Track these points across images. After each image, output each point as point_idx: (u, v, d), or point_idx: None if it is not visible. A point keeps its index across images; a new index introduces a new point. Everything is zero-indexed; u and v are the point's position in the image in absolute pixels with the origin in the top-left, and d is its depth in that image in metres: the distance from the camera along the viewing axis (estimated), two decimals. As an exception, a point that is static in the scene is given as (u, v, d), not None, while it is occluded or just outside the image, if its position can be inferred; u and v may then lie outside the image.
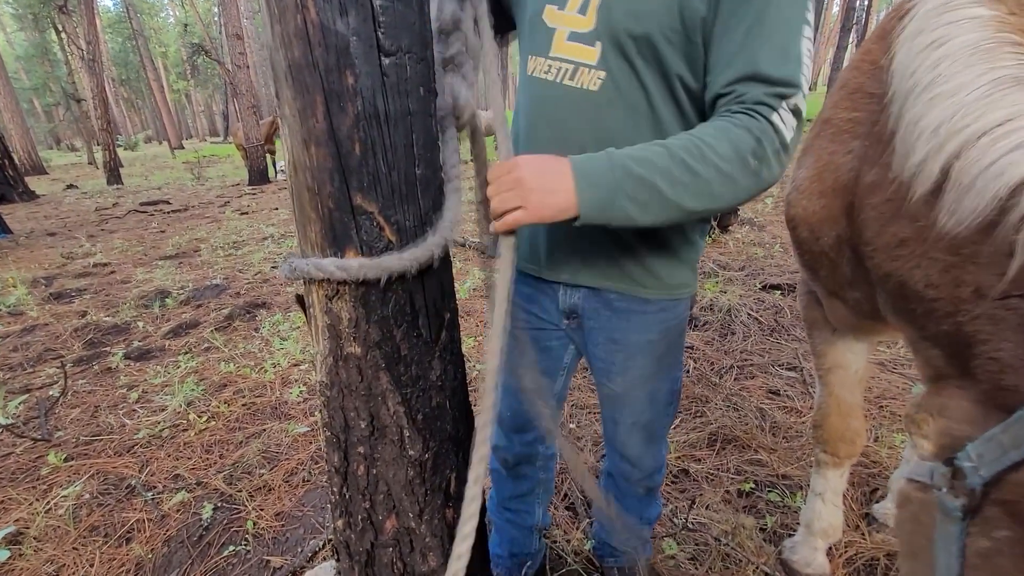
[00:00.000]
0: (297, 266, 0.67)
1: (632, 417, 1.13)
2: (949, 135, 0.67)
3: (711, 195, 0.73)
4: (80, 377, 2.96)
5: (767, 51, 0.73)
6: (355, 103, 0.62)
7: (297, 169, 0.66)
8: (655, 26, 0.79)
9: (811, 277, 1.28)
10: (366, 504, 0.73)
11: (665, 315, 1.01)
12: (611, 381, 1.08)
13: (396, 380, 0.70)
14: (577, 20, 0.85)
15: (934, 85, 0.72)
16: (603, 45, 0.83)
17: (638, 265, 0.96)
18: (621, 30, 0.81)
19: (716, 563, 1.60)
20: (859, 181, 0.95)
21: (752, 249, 4.43)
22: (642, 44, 0.81)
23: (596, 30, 0.83)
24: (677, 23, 0.78)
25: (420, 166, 0.68)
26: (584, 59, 0.85)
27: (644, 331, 1.01)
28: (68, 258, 5.61)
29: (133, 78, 39.61)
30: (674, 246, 0.97)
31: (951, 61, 0.71)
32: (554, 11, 0.87)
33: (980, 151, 0.63)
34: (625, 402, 1.11)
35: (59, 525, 1.89)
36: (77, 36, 13.55)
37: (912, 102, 0.74)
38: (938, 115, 0.69)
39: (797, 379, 2.54)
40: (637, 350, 1.03)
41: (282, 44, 0.62)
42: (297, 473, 2.12)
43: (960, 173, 0.65)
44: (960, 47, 0.71)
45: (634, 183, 0.71)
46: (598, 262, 0.97)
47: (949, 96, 0.69)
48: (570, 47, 0.86)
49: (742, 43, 0.74)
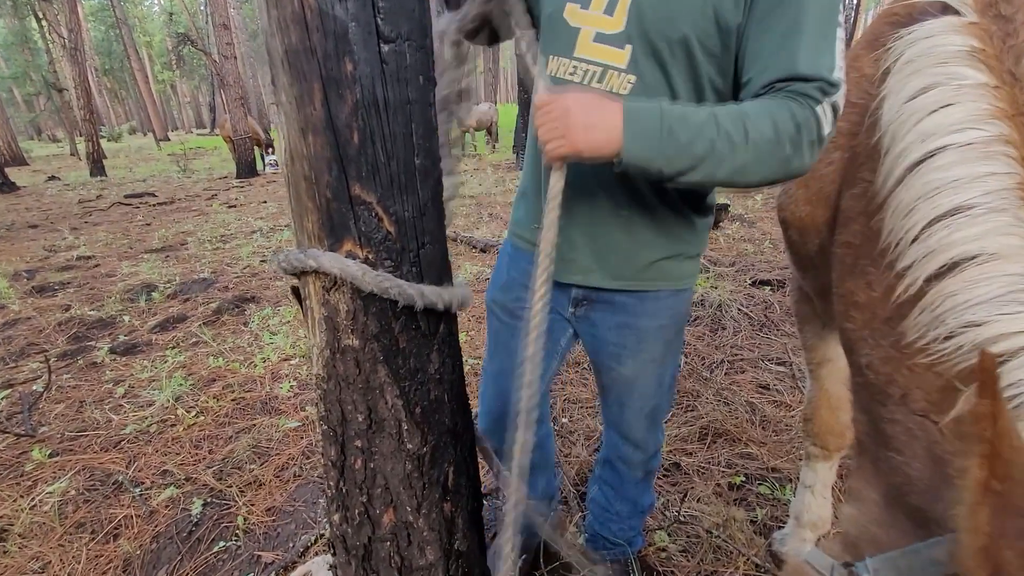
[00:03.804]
0: (290, 257, 0.66)
1: (641, 401, 1.15)
2: (940, 248, 0.67)
3: (743, 171, 0.74)
4: (64, 372, 2.90)
5: (805, 53, 0.73)
6: (354, 91, 0.61)
7: (294, 158, 0.65)
8: (691, 29, 0.78)
9: (801, 275, 1.30)
10: (363, 498, 0.72)
11: (674, 301, 1.05)
12: (622, 364, 1.10)
13: (394, 373, 0.69)
14: (604, 20, 0.82)
15: (926, 171, 0.72)
16: (634, 48, 0.81)
17: (650, 265, 0.98)
18: (656, 32, 0.79)
19: (707, 555, 1.61)
20: (840, 196, 0.96)
21: (742, 245, 4.46)
22: (677, 48, 0.79)
23: (626, 32, 0.81)
24: (712, 27, 0.77)
25: (419, 156, 0.68)
26: (613, 62, 0.83)
27: (655, 317, 1.04)
28: (51, 251, 5.50)
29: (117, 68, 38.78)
30: (685, 239, 0.99)
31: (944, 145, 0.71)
32: (576, 10, 0.84)
33: (964, 286, 0.63)
34: (635, 386, 1.13)
35: (44, 522, 1.85)
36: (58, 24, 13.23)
37: (907, 183, 0.74)
38: (928, 212, 0.69)
39: (787, 374, 2.57)
40: (649, 334, 1.06)
41: (279, 29, 0.61)
42: (288, 468, 2.10)
43: (937, 298, 0.65)
44: (953, 125, 0.71)
45: (676, 148, 0.71)
46: (609, 264, 0.99)
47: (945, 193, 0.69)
48: (597, 48, 0.84)
49: (780, 44, 0.74)
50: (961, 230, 0.66)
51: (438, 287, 0.71)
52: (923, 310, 0.67)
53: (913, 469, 0.64)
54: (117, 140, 27.70)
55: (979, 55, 0.77)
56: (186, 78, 42.96)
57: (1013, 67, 0.76)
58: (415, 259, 0.69)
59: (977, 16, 0.79)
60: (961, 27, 0.79)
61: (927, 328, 0.66)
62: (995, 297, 0.61)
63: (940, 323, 0.64)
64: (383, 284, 0.65)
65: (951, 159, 0.71)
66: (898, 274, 0.72)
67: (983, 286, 0.62)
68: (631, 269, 0.99)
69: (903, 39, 0.85)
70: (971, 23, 0.79)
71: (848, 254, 0.88)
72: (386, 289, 0.65)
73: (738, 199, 6.00)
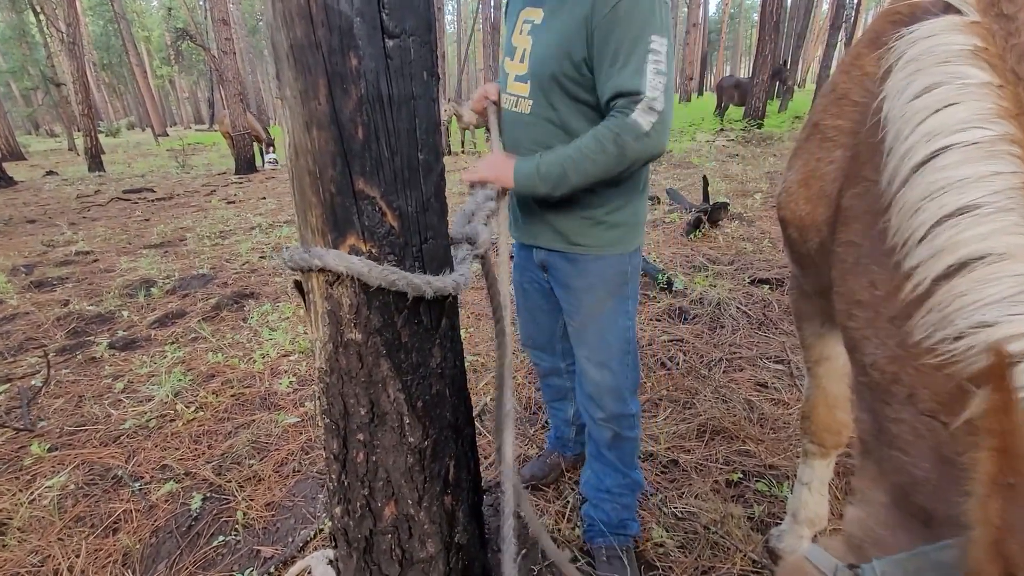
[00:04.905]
0: (295, 256, 0.66)
1: (587, 351, 1.44)
2: (947, 248, 0.66)
3: (586, 173, 1.16)
4: (63, 367, 2.90)
5: (624, 76, 1.11)
6: (359, 85, 0.61)
7: (298, 153, 0.65)
8: (556, 67, 1.19)
9: (800, 274, 1.30)
10: (365, 491, 0.72)
11: (599, 264, 1.36)
12: (572, 319, 1.44)
13: (397, 367, 0.70)
14: (518, 67, 1.29)
15: (931, 171, 0.71)
16: (531, 83, 1.26)
17: (573, 232, 1.35)
18: (538, 72, 1.23)
19: (704, 551, 1.62)
20: (841, 195, 0.96)
21: (741, 244, 4.47)
22: (549, 80, 1.22)
23: (527, 73, 1.27)
24: (568, 64, 1.17)
25: (423, 151, 0.68)
26: (522, 93, 1.29)
27: (584, 277, 1.37)
28: (49, 246, 5.48)
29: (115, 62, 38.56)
30: (597, 217, 1.33)
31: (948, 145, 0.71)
32: (508, 60, 1.33)
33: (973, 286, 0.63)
34: (583, 337, 1.43)
35: (44, 516, 1.86)
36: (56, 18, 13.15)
37: (913, 183, 0.74)
38: (935, 211, 0.69)
39: (785, 372, 2.58)
40: (582, 292, 1.39)
41: (284, 23, 0.61)
42: (287, 463, 2.10)
43: (947, 297, 0.65)
44: (958, 124, 0.71)
45: (543, 179, 1.19)
46: (547, 230, 1.37)
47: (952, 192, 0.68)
48: (515, 85, 1.31)
49: (608, 72, 1.13)
50: (968, 230, 0.66)
51: (444, 277, 0.71)
52: (931, 310, 0.66)
53: (920, 469, 0.63)
54: (115, 135, 27.59)
55: (982, 54, 0.77)
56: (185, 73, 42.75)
57: (1016, 66, 0.76)
58: (418, 253, 0.70)
59: (979, 15, 0.79)
60: (963, 26, 0.79)
61: (935, 328, 0.65)
62: (1006, 297, 0.60)
63: (949, 323, 0.63)
64: (390, 278, 0.65)
65: (956, 159, 0.71)
66: (905, 274, 0.72)
67: (993, 286, 0.62)
68: (562, 237, 1.35)
69: (905, 38, 0.85)
70: (973, 22, 0.80)
71: (850, 253, 0.88)
72: (393, 282, 0.66)
73: (736, 198, 6.01)
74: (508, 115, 1.37)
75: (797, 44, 22.53)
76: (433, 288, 0.67)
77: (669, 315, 3.23)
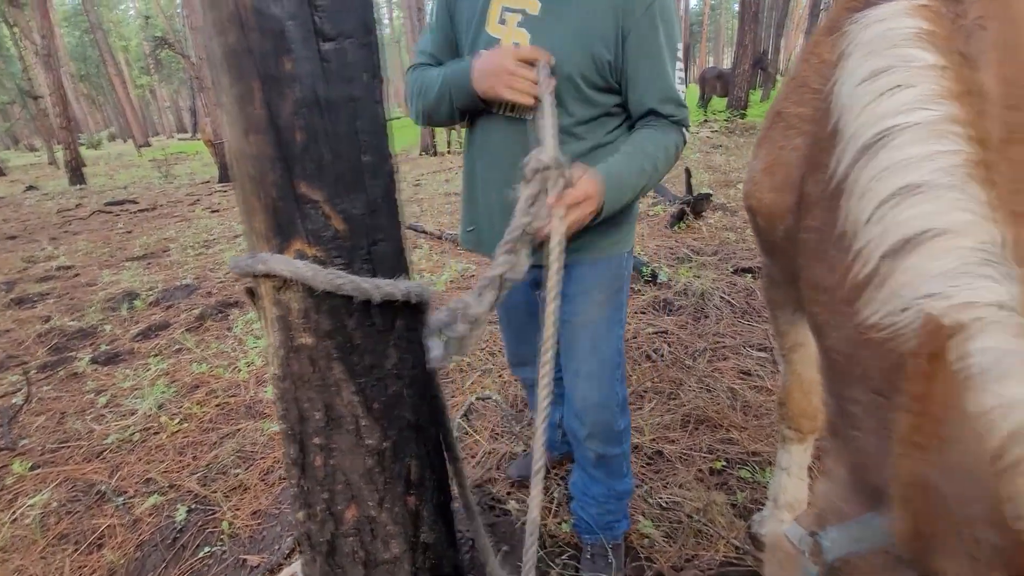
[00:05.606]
0: (240, 262, 0.66)
1: (577, 363, 1.33)
2: (892, 227, 0.68)
3: (654, 183, 1.18)
4: (45, 383, 2.87)
5: (667, 82, 1.11)
6: (294, 89, 0.61)
7: (239, 158, 0.65)
8: (575, 68, 1.08)
9: (770, 262, 1.32)
10: (325, 495, 0.72)
11: (596, 268, 1.28)
12: (563, 329, 1.31)
13: (350, 369, 0.70)
14: None
15: (881, 150, 0.73)
16: None
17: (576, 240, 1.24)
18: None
19: (689, 540, 1.64)
20: (804, 182, 0.97)
21: (724, 234, 4.50)
22: (563, 82, 1.08)
23: None
24: (590, 65, 1.07)
25: (367, 153, 0.68)
26: None
27: (580, 283, 1.28)
28: (29, 262, 5.41)
29: (93, 73, 38.04)
30: (616, 220, 1.25)
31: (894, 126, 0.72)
32: None
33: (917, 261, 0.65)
34: (574, 349, 1.32)
35: (26, 535, 1.84)
36: (30, 30, 12.93)
37: (860, 165, 0.76)
38: (881, 192, 0.71)
39: (768, 359, 2.60)
40: (578, 296, 1.29)
41: (217, 31, 0.61)
42: (273, 471, 2.10)
43: (891, 274, 0.67)
44: (903, 106, 0.73)
45: (628, 193, 1.13)
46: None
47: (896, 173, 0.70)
48: None
49: (649, 77, 1.10)
50: (913, 208, 0.67)
51: (394, 281, 0.71)
52: (878, 287, 0.68)
53: (869, 445, 0.65)
54: (96, 147, 27.23)
55: (928, 36, 0.78)
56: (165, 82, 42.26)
57: (963, 47, 0.77)
58: (367, 256, 0.70)
59: None
60: (912, 9, 0.81)
61: (881, 304, 0.66)
62: (948, 270, 0.62)
63: (895, 298, 0.65)
64: (336, 282, 0.65)
65: (902, 140, 0.72)
66: (855, 254, 0.73)
67: (936, 260, 0.63)
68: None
69: (857, 23, 0.86)
70: (922, 5, 0.81)
71: (812, 239, 0.89)
72: (339, 286, 0.66)
73: (720, 188, 6.04)
74: (497, 123, 1.18)
75: (777, 33, 22.65)
76: (382, 292, 0.67)
77: (654, 307, 3.25)
